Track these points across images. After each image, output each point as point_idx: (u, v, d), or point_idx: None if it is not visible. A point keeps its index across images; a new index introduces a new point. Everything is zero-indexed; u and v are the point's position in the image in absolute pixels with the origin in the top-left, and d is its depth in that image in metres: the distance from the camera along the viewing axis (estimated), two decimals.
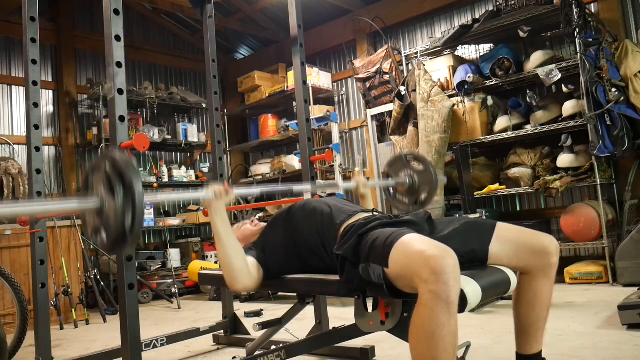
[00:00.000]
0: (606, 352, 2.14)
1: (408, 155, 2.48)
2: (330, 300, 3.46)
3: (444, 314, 1.21)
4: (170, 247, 5.44)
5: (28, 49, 2.40)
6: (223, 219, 1.69)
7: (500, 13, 4.22)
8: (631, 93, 3.64)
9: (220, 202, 1.71)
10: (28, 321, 3.06)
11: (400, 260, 1.33)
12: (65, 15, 5.48)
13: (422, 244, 1.31)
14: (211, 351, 2.87)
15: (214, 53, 3.10)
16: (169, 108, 5.98)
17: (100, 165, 1.29)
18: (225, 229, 1.68)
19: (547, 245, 1.56)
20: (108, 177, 1.26)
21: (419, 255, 1.27)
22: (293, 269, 1.79)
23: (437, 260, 1.23)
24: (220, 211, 1.70)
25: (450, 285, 1.21)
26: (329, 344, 2.28)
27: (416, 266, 1.27)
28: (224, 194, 1.72)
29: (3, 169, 4.24)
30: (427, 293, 1.23)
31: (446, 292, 1.21)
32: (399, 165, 2.46)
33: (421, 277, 1.24)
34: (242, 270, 1.67)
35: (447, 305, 1.21)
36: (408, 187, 2.43)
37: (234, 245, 1.69)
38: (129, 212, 1.22)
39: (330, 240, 1.66)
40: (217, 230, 1.68)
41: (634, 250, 3.43)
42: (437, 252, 1.26)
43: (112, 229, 1.25)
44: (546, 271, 1.56)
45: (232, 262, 1.66)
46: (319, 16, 5.77)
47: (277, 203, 5.27)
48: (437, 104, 4.27)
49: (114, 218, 1.24)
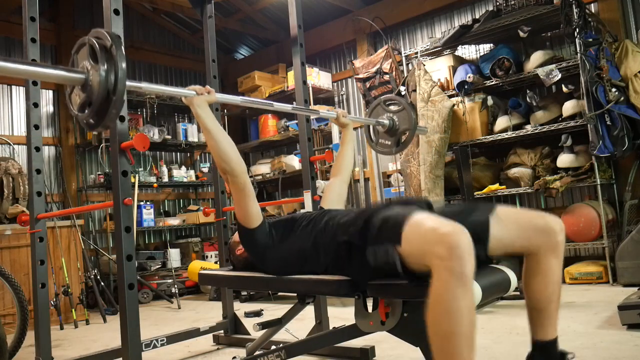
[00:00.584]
0: (606, 352, 2.14)
1: (387, 100, 2.54)
2: (330, 300, 3.46)
3: (459, 287, 1.21)
4: (170, 247, 5.44)
5: (28, 49, 2.40)
6: (207, 113, 1.79)
7: (500, 13, 4.22)
8: (631, 93, 3.64)
9: (202, 98, 1.80)
10: (28, 321, 3.06)
11: (414, 238, 1.33)
12: (65, 15, 5.49)
13: (434, 221, 1.31)
14: (211, 351, 2.88)
15: (214, 53, 3.10)
16: (169, 108, 5.98)
17: (84, 42, 1.37)
18: (211, 121, 1.78)
19: (552, 223, 1.54)
20: (92, 48, 1.33)
21: (433, 232, 1.27)
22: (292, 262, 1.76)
23: (451, 236, 1.23)
24: (203, 105, 1.80)
25: (465, 259, 1.21)
26: (329, 344, 2.28)
27: (430, 243, 1.26)
28: (205, 92, 1.82)
29: (3, 169, 4.24)
30: (442, 269, 1.22)
31: (461, 265, 1.21)
32: (379, 110, 2.54)
33: (435, 254, 1.24)
34: (234, 155, 1.75)
35: (463, 278, 1.21)
36: (388, 127, 2.49)
37: (222, 134, 1.77)
38: (112, 73, 1.28)
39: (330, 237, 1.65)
40: (203, 122, 1.78)
41: (634, 250, 3.43)
42: (451, 228, 1.26)
43: (96, 94, 1.29)
44: (554, 249, 1.54)
45: (223, 145, 1.74)
46: (319, 16, 5.77)
47: (277, 203, 5.28)
48: (437, 104, 4.28)
49: (97, 84, 1.29)
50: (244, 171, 1.77)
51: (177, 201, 6.31)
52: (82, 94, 1.35)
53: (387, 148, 2.60)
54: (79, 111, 1.37)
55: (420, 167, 4.25)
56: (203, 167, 6.16)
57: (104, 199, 5.42)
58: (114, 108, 1.29)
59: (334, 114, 2.38)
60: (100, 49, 1.30)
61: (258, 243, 1.80)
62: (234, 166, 1.74)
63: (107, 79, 1.28)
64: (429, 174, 4.20)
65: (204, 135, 1.80)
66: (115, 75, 1.28)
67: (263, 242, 1.79)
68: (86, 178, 5.47)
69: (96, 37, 1.33)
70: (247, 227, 1.78)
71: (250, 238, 1.80)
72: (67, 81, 1.37)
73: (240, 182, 1.75)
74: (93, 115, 1.33)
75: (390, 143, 2.53)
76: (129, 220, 1.87)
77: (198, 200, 6.40)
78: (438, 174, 4.23)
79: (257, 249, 1.82)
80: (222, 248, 3.09)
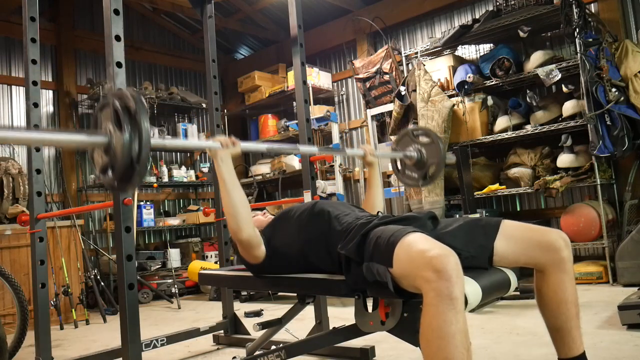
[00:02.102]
0: (606, 352, 2.14)
1: (415, 130, 2.48)
2: (330, 300, 3.46)
3: (449, 310, 1.20)
4: (170, 247, 5.43)
5: (28, 49, 2.40)
6: (229, 168, 1.72)
7: (500, 13, 4.22)
8: (631, 93, 3.64)
9: (227, 152, 1.74)
10: (28, 321, 3.05)
11: (404, 260, 1.33)
12: (65, 15, 5.49)
13: (424, 243, 1.31)
14: (211, 351, 2.87)
15: (214, 53, 3.10)
16: (169, 108, 5.98)
17: (108, 102, 1.31)
18: (231, 177, 1.71)
19: (555, 239, 1.52)
20: (115, 112, 1.26)
21: (421, 255, 1.28)
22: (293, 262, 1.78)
23: (438, 259, 1.23)
24: (227, 160, 1.73)
25: (453, 281, 1.21)
26: (329, 344, 2.28)
27: (419, 266, 1.27)
28: (230, 144, 1.75)
29: (3, 169, 4.24)
30: (431, 291, 1.23)
31: (449, 287, 1.20)
32: (407, 140, 2.46)
33: (424, 277, 1.24)
34: (247, 220, 1.69)
35: (452, 301, 1.20)
36: (416, 160, 2.42)
37: (239, 194, 1.70)
38: (135, 140, 1.23)
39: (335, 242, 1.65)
40: (223, 178, 1.70)
41: (634, 250, 3.43)
42: (439, 251, 1.26)
43: (119, 160, 1.25)
44: (560, 266, 1.51)
45: (238, 210, 1.68)
46: (319, 16, 5.77)
47: (277, 203, 5.27)
48: (437, 104, 4.27)
49: (120, 150, 1.25)
50: (252, 230, 1.71)
51: (177, 201, 6.31)
52: (105, 157, 1.31)
53: (414, 181, 2.53)
54: (102, 172, 1.33)
55: None
56: (203, 167, 6.16)
57: (104, 199, 5.42)
58: (138, 175, 1.26)
59: (361, 152, 2.29)
60: (123, 112, 1.25)
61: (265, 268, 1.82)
62: (243, 226, 1.68)
63: (131, 146, 1.23)
64: None
65: (220, 187, 1.73)
66: (139, 142, 1.23)
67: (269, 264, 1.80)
68: (86, 178, 5.47)
69: (119, 97, 1.27)
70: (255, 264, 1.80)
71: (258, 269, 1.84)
72: (89, 146, 1.33)
73: (247, 240, 1.71)
74: (117, 181, 1.30)
75: (417, 176, 2.43)
76: (129, 220, 1.87)
77: (198, 200, 6.40)
78: None
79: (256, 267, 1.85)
80: (222, 248, 3.09)
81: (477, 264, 1.55)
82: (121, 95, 1.28)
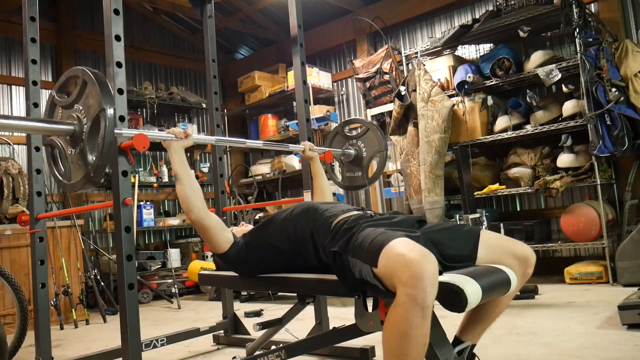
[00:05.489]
0: (606, 352, 2.14)
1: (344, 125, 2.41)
2: (330, 300, 3.46)
3: (418, 317, 1.25)
4: (170, 247, 5.43)
5: (28, 49, 2.40)
6: (181, 158, 1.86)
7: (500, 13, 4.22)
8: (631, 93, 3.64)
9: (179, 143, 1.89)
10: (28, 321, 3.05)
11: (386, 261, 1.36)
12: (65, 15, 5.48)
13: (405, 247, 1.34)
14: (211, 351, 2.87)
15: (214, 53, 3.10)
16: (169, 108, 5.98)
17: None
18: (182, 166, 1.85)
19: (530, 255, 1.64)
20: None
21: (400, 258, 1.31)
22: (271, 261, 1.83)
23: (416, 266, 1.26)
24: (179, 151, 1.88)
25: (427, 291, 1.25)
26: (329, 344, 2.28)
27: (397, 268, 1.30)
28: (183, 136, 1.90)
29: (3, 169, 4.24)
30: (404, 296, 1.26)
31: (423, 297, 1.24)
32: (338, 139, 2.41)
33: (400, 280, 1.28)
34: (196, 203, 1.81)
35: (423, 309, 1.25)
36: (353, 157, 2.35)
37: (189, 180, 1.84)
38: None
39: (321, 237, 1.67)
40: (175, 168, 1.85)
41: (634, 250, 3.43)
42: (417, 256, 1.29)
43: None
44: (523, 278, 1.64)
45: (187, 193, 1.82)
46: (319, 16, 5.77)
47: (277, 203, 5.27)
48: (437, 103, 4.27)
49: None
50: (206, 214, 1.83)
51: (177, 201, 6.29)
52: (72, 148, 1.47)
53: (358, 182, 2.44)
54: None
55: (420, 167, 4.25)
56: (203, 167, 6.16)
57: (104, 199, 5.42)
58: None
59: (302, 147, 2.44)
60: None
61: (235, 259, 1.87)
62: (198, 213, 1.81)
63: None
64: (429, 174, 4.20)
65: (175, 179, 1.87)
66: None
67: (238, 255, 1.86)
68: None
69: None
70: (221, 253, 1.87)
71: (226, 259, 1.89)
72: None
73: (204, 224, 1.82)
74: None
75: (360, 174, 2.38)
76: (129, 220, 1.87)
77: None
78: (438, 174, 4.23)
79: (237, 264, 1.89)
80: None
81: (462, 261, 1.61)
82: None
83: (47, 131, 1.58)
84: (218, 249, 1.86)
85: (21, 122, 1.53)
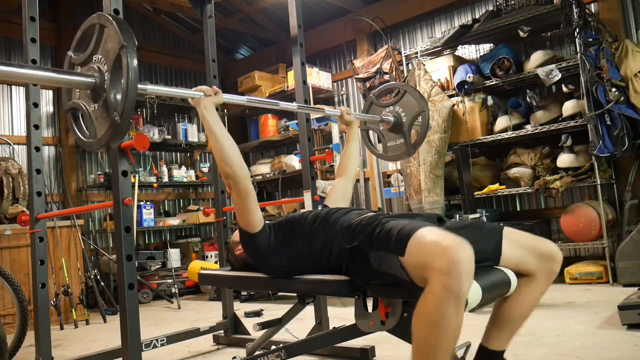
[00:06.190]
0: (606, 352, 2.14)
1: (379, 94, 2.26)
2: (330, 300, 3.46)
3: (452, 306, 1.21)
4: (170, 247, 5.43)
5: (28, 49, 2.40)
6: (212, 114, 1.76)
7: (500, 13, 4.22)
8: (631, 93, 3.64)
9: (210, 100, 1.78)
10: (28, 321, 3.05)
11: (417, 250, 1.32)
12: (65, 15, 5.48)
13: (438, 234, 1.31)
14: (211, 351, 2.87)
15: (214, 53, 3.10)
16: (169, 108, 5.98)
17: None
18: (216, 124, 1.75)
19: (556, 252, 1.59)
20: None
21: (435, 245, 1.27)
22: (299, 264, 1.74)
23: (452, 252, 1.22)
24: (210, 108, 1.77)
25: (463, 278, 1.21)
26: (329, 344, 2.28)
27: (431, 255, 1.26)
28: (212, 93, 1.80)
29: (3, 169, 4.24)
30: (439, 283, 1.22)
31: (458, 284, 1.20)
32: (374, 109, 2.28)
33: (434, 267, 1.23)
34: (237, 162, 1.70)
35: (457, 298, 1.21)
36: (393, 124, 2.19)
37: (226, 138, 1.73)
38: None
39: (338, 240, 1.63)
40: (208, 124, 1.74)
41: (634, 250, 3.43)
42: (453, 242, 1.25)
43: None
44: (548, 276, 1.59)
45: (224, 145, 1.71)
46: (319, 16, 5.77)
47: (277, 203, 5.28)
48: (437, 103, 4.28)
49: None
50: (246, 176, 1.72)
51: (177, 201, 6.31)
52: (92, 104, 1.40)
53: (401, 150, 2.28)
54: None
55: (420, 167, 4.26)
56: (203, 167, 6.16)
57: (104, 199, 5.42)
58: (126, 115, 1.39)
59: (338, 111, 2.36)
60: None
61: (259, 248, 1.76)
62: (236, 170, 1.69)
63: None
64: (429, 174, 4.20)
65: (208, 137, 1.77)
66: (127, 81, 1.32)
67: (264, 247, 1.75)
68: (86, 178, 5.47)
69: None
70: (249, 232, 1.74)
71: (251, 242, 1.76)
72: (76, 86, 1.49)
73: (243, 188, 1.70)
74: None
75: (402, 142, 2.23)
76: (129, 220, 1.87)
77: (198, 200, 6.40)
78: (438, 174, 4.23)
79: (258, 254, 1.79)
80: (222, 248, 3.09)
81: (486, 260, 1.55)
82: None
83: (67, 83, 1.50)
84: (249, 226, 1.73)
85: (42, 73, 1.42)
